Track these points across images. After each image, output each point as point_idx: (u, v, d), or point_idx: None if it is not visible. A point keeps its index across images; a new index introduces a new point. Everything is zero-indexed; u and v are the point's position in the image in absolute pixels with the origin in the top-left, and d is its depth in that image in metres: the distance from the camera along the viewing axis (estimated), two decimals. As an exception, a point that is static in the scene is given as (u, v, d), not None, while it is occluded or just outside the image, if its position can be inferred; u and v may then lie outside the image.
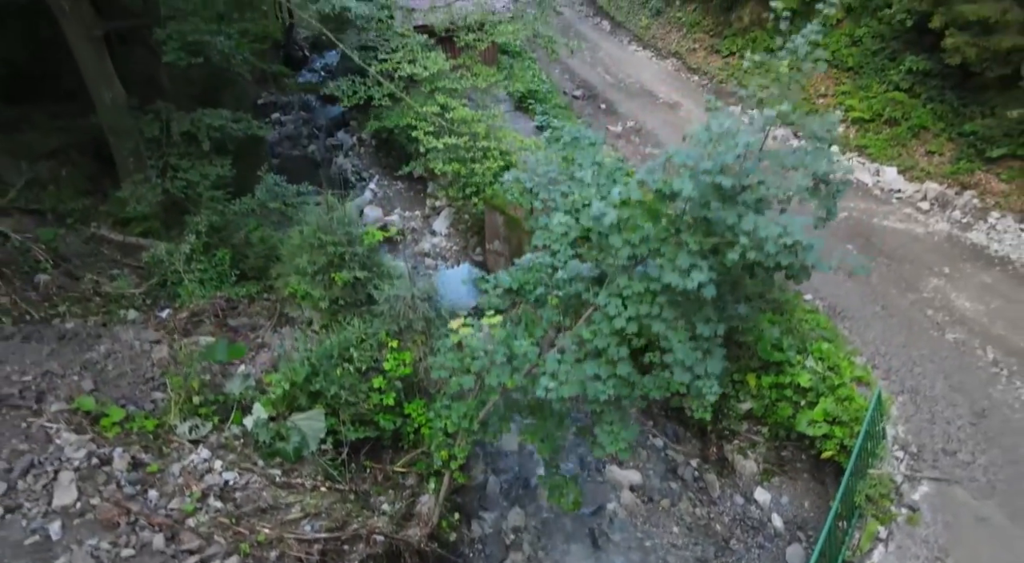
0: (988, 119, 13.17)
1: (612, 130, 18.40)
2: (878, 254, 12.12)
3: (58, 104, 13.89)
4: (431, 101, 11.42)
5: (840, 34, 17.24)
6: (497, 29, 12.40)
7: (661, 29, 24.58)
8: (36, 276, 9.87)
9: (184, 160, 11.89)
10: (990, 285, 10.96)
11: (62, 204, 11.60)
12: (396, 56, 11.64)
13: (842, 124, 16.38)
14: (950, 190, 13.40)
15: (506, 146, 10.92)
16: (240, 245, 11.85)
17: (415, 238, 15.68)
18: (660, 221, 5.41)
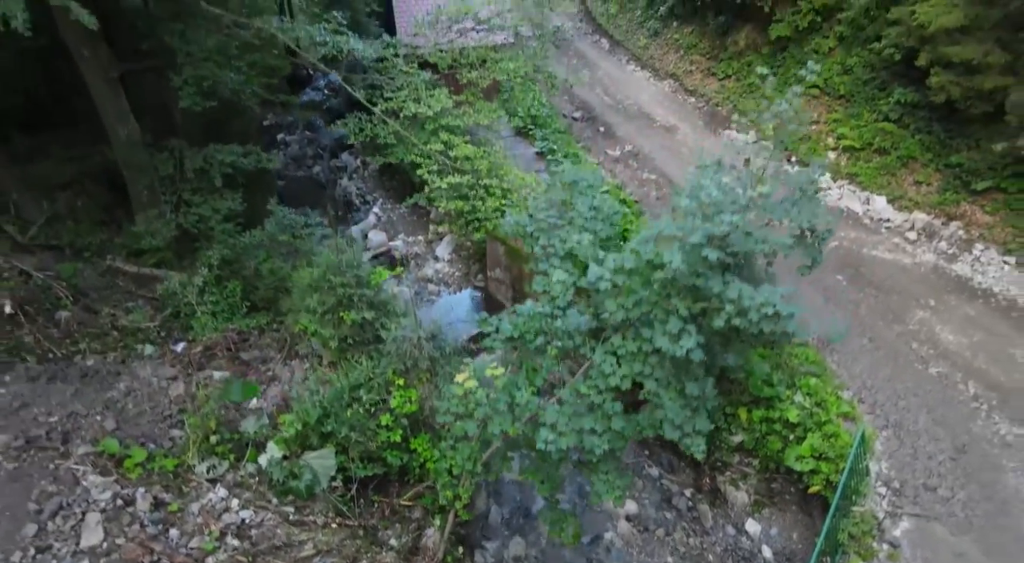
0: (973, 152, 13.60)
1: (610, 154, 18.84)
2: (867, 285, 12.54)
3: (72, 132, 14.31)
4: (435, 138, 11.85)
5: (832, 62, 17.67)
6: (498, 66, 12.86)
7: (659, 49, 25.03)
8: (57, 313, 10.29)
9: (196, 195, 12.32)
10: (973, 318, 11.37)
11: (80, 239, 12.03)
12: (401, 94, 12.10)
13: (833, 151, 16.85)
14: (937, 220, 13.82)
15: (507, 184, 11.33)
16: (250, 276, 12.28)
17: (418, 263, 16.09)
18: (652, 285, 5.81)
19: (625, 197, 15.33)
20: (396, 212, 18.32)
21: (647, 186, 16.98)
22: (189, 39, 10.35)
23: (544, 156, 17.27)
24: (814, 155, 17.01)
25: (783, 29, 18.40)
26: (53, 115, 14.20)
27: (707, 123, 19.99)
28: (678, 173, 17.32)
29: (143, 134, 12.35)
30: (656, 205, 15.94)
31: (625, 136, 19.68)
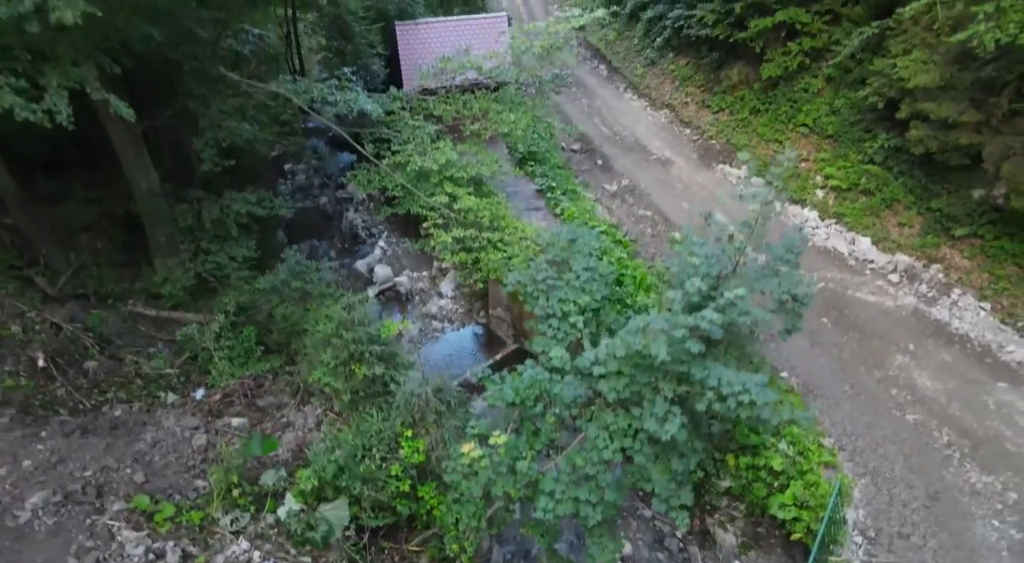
0: (952, 197, 14.25)
1: (608, 189, 19.49)
2: (850, 328, 13.17)
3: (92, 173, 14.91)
4: (440, 190, 12.49)
5: (821, 102, 18.33)
6: (500, 118, 13.49)
7: (655, 79, 25.71)
8: (85, 363, 10.91)
9: (213, 243, 12.96)
10: (949, 364, 12.00)
11: (103, 286, 12.66)
12: (408, 148, 12.72)
13: (821, 190, 17.48)
14: (918, 262, 14.47)
15: (509, 236, 11.97)
16: (264, 321, 12.89)
17: (423, 299, 16.70)
18: (642, 369, 6.42)
19: (621, 237, 15.98)
20: (401, 245, 18.93)
21: (643, 223, 17.62)
22: (210, 104, 11.01)
23: (543, 193, 17.91)
24: (803, 192, 17.69)
25: (773, 69, 19.08)
26: (74, 157, 14.85)
27: (701, 156, 20.65)
28: (672, 209, 17.96)
29: (162, 184, 13.01)
30: (651, 243, 16.57)
31: (622, 170, 20.33)
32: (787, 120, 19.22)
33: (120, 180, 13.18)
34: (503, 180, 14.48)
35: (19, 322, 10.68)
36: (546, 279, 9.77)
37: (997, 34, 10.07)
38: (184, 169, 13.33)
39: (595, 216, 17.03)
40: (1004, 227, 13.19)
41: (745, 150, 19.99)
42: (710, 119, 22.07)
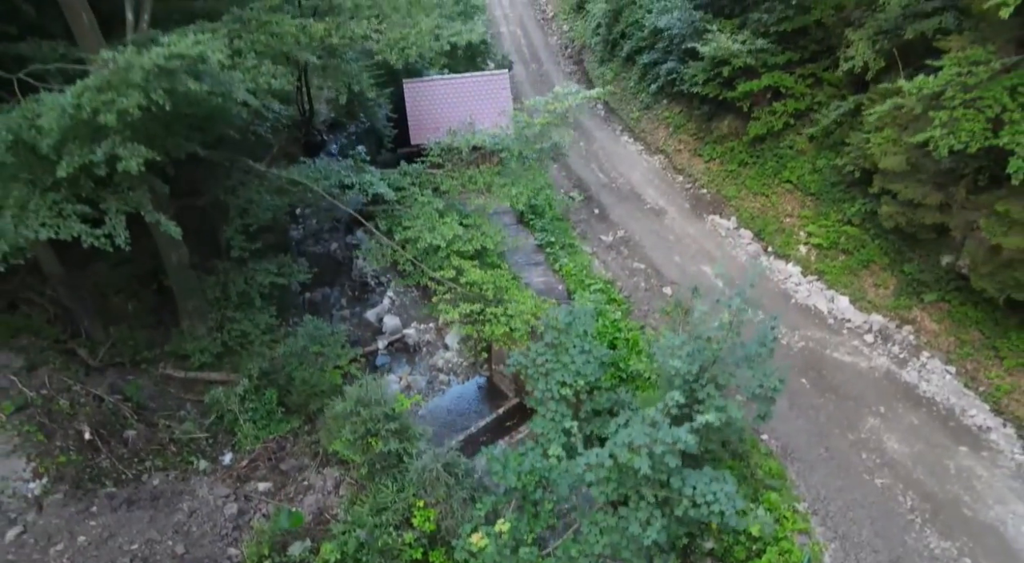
0: (923, 263, 15.31)
1: (604, 240, 20.54)
2: (827, 389, 14.21)
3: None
4: (448, 263, 13.56)
5: (804, 160, 19.42)
6: (502, 191, 14.58)
7: (650, 123, 26.81)
8: (125, 432, 11.95)
9: (239, 311, 14.01)
10: (917, 427, 13.03)
11: (137, 353, 13.70)
12: (417, 223, 13.79)
13: (804, 246, 18.51)
14: (891, 323, 15.51)
15: (512, 309, 13.02)
16: (284, 383, 13.93)
17: (430, 351, 17.76)
18: (628, 476, 7.44)
19: (615, 296, 17.04)
20: (409, 295, 19.99)
21: (636, 276, 18.68)
22: (239, 194, 12.08)
23: (543, 248, 18.98)
24: (788, 247, 18.74)
25: (759, 128, 20.17)
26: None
27: (693, 206, 21.71)
28: (665, 262, 19.01)
29: (191, 256, 14.07)
30: (644, 299, 17.62)
31: (618, 220, 21.39)
32: (773, 175, 20.31)
33: (147, 236, 14.23)
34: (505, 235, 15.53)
35: (66, 396, 11.71)
36: (545, 363, 10.85)
37: (951, 141, 11.15)
38: (211, 241, 14.38)
39: (591, 273, 18.10)
40: (968, 294, 14.24)
41: (734, 202, 21.08)
42: (702, 167, 23.15)
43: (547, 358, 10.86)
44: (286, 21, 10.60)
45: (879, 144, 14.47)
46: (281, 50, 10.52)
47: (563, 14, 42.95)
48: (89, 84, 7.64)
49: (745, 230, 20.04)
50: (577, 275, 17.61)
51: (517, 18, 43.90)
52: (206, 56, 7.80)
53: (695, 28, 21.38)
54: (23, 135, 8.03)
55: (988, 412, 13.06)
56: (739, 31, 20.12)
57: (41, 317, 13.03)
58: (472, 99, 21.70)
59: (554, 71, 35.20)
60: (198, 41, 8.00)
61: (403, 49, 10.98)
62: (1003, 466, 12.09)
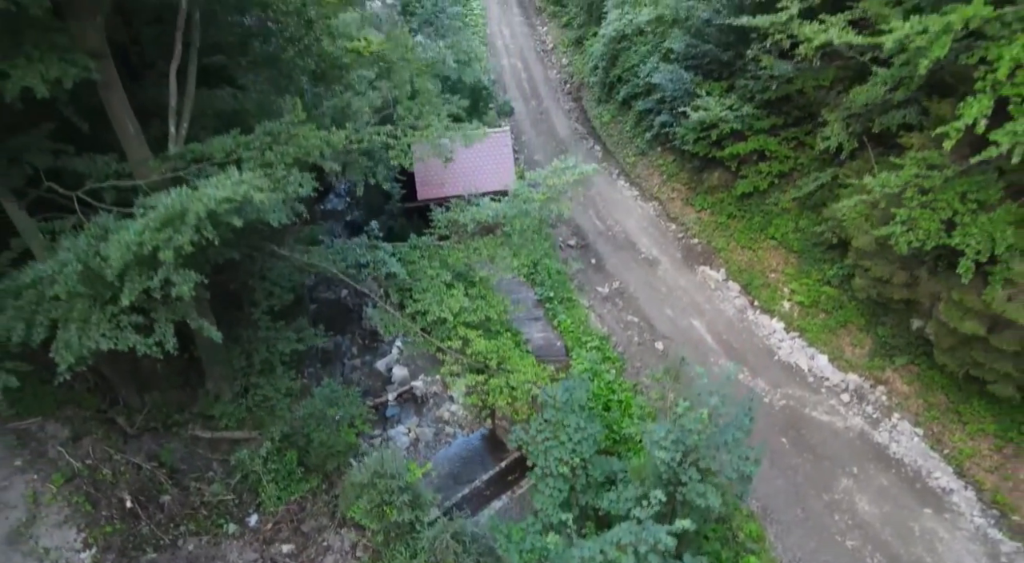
0: (895, 328, 16.48)
1: (600, 292, 21.73)
2: (805, 449, 15.36)
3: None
4: (454, 334, 14.76)
5: (788, 218, 20.60)
6: (503, 263, 15.80)
7: (645, 169, 28.02)
8: (161, 497, 13.10)
9: (262, 377, 15.17)
10: (886, 488, 14.17)
11: (169, 417, 14.85)
12: (427, 296, 15.00)
13: (788, 301, 19.68)
14: (866, 383, 16.67)
15: (513, 380, 14.20)
16: (304, 444, 15.06)
17: (436, 403, 18.92)
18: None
19: (610, 353, 18.21)
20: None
21: (630, 330, 19.85)
22: (265, 276, 13.28)
23: (543, 303, 20.17)
24: (772, 303, 19.90)
25: (746, 186, 21.38)
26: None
27: (684, 257, 22.89)
28: (657, 315, 20.18)
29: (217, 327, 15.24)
30: (637, 354, 18.79)
31: (613, 270, 22.58)
32: (759, 230, 21.50)
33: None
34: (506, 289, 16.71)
35: (108, 465, 12.87)
36: (544, 441, 12.01)
37: (910, 237, 12.34)
38: (236, 312, 15.56)
39: (588, 328, 19.29)
40: (935, 359, 15.40)
41: (723, 253, 22.26)
42: (693, 217, 24.34)
43: (546, 435, 12.02)
44: (313, 134, 11.82)
45: (851, 221, 15.66)
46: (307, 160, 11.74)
47: (562, 46, 44.13)
48: (149, 223, 8.82)
49: (733, 283, 21.21)
50: (575, 332, 18.79)
51: (518, 50, 45.05)
52: (251, 197, 9.00)
53: (686, 90, 22.62)
54: (90, 263, 9.21)
55: (951, 475, 14.21)
56: (727, 94, 21.37)
57: (82, 386, 14.19)
58: (476, 155, 22.87)
59: (553, 108, 36.41)
60: (242, 180, 9.19)
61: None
62: (963, 528, 13.23)
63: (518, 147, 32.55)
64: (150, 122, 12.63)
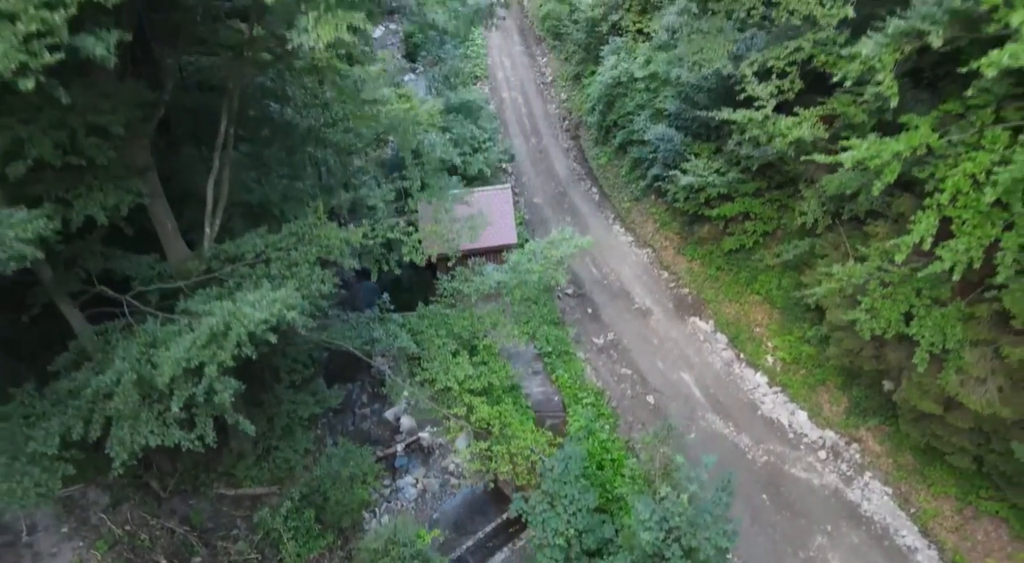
0: (868, 390, 17.74)
1: (596, 343, 22.99)
2: (784, 506, 16.60)
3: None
4: (460, 402, 16.01)
5: (772, 275, 21.90)
6: (504, 331, 17.07)
7: (640, 216, 29.30)
8: (192, 560, 14.35)
9: (282, 441, 16.44)
10: (857, 546, 15.41)
11: (197, 478, 16.13)
12: (434, 365, 16.29)
13: (771, 356, 20.94)
14: (842, 440, 17.92)
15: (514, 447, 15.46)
16: (320, 502, 16.32)
17: (442, 453, 20.15)
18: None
19: (605, 409, 19.49)
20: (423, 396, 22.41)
21: (624, 383, 21.11)
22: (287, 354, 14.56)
23: (542, 357, 21.43)
24: (757, 357, 21.14)
25: (733, 243, 22.69)
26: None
27: (676, 306, 24.14)
28: (649, 369, 21.42)
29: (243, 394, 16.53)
30: (629, 409, 20.04)
31: (609, 320, 23.84)
32: (745, 284, 22.78)
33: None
34: (508, 369, 18.02)
35: (145, 530, 14.15)
36: (543, 512, 13.28)
37: (873, 325, 13.63)
38: (258, 380, 16.84)
39: (584, 383, 20.56)
40: (903, 421, 16.65)
41: (712, 305, 23.53)
42: (685, 266, 25.62)
43: (544, 507, 13.30)
44: (334, 233, 13.14)
45: (825, 297, 16.93)
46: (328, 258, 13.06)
47: (561, 79, 45.34)
48: (196, 341, 10.10)
49: (721, 335, 22.47)
50: (571, 387, 20.07)
51: (518, 82, 46.30)
52: (284, 317, 10.28)
53: (676, 151, 23.95)
54: (142, 372, 10.50)
55: (917, 534, 15.44)
56: (716, 156, 22.68)
57: (118, 452, 15.47)
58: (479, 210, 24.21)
59: (552, 146, 37.71)
60: (276, 300, 10.46)
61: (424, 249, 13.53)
62: (925, 586, 14.48)
63: (518, 188, 33.86)
64: (182, 210, 13.96)
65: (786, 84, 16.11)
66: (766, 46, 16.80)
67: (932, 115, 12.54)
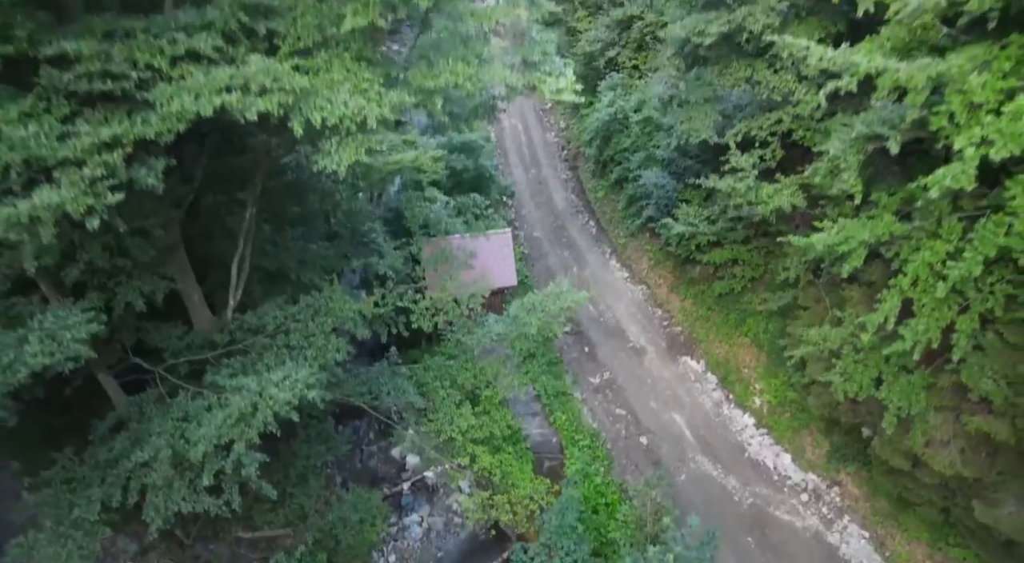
0: (847, 437, 18.79)
1: (592, 382, 24.06)
2: (768, 549, 17.64)
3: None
4: (463, 451, 17.09)
5: (759, 319, 22.98)
6: (505, 382, 18.17)
7: (635, 252, 30.41)
8: (218, 607, 15.40)
9: (296, 488, 17.51)
10: (834, 589, 16.47)
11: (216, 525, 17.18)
12: (439, 417, 17.38)
13: (759, 398, 22.03)
14: (823, 483, 18.98)
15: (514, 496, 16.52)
16: (332, 546, 17.38)
17: (446, 492, 21.21)
18: None
19: (599, 451, 20.55)
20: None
21: (618, 423, 22.18)
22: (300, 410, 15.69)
23: (540, 398, 22.51)
24: (745, 398, 22.21)
25: (723, 287, 23.80)
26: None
27: (669, 345, 25.21)
28: (642, 409, 22.49)
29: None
30: (623, 450, 21.10)
31: (604, 359, 24.91)
32: (735, 326, 23.88)
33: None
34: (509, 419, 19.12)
35: (172, 579, 15.20)
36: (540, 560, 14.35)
37: (846, 387, 14.72)
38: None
39: (581, 425, 21.63)
40: (877, 472, 17.71)
41: (703, 345, 24.61)
42: (677, 305, 26.72)
43: (543, 558, 14.37)
44: (347, 305, 14.25)
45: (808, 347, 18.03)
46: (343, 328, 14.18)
47: (560, 107, 46.47)
48: (227, 419, 11.18)
49: (711, 375, 23.55)
50: (568, 429, 21.15)
51: (518, 108, 47.37)
52: (306, 397, 11.37)
53: (669, 197, 25.10)
54: (176, 446, 11.59)
55: (890, 577, 16.50)
56: (706, 202, 23.80)
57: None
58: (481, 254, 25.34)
59: (551, 177, 38.83)
60: (297, 380, 11.56)
61: (435, 313, 14.69)
62: (897, 628, 15.51)
63: (518, 221, 34.96)
64: (205, 274, 15.06)
65: (768, 153, 17.26)
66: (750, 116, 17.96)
67: (898, 195, 13.68)
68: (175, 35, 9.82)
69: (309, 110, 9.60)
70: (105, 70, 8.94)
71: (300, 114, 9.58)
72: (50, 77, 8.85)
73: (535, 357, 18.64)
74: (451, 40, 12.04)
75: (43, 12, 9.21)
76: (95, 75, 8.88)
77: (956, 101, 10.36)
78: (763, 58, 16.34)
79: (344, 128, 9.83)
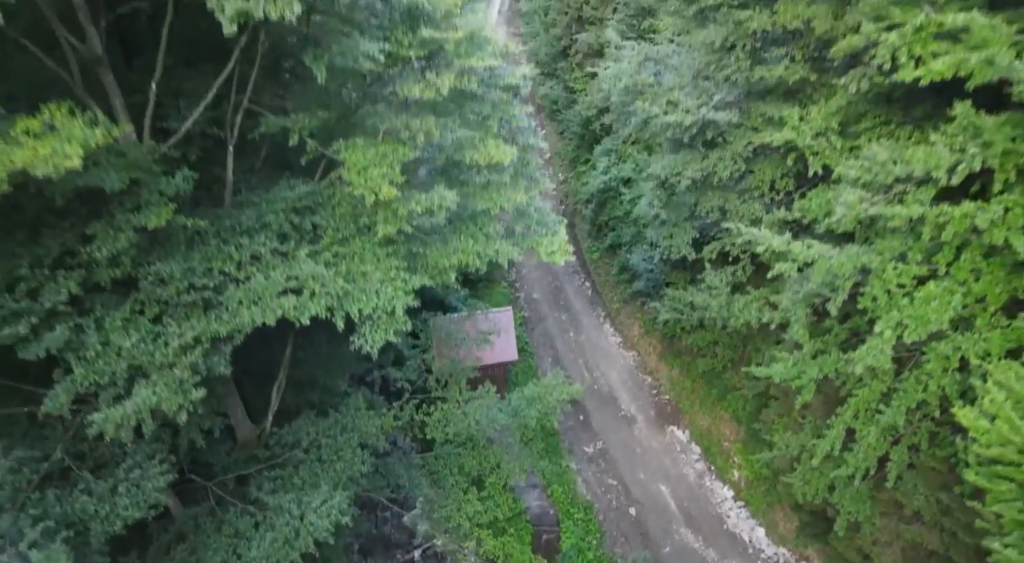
0: (813, 516, 20.92)
1: (586, 452, 26.23)
2: (741, 621, 19.78)
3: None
4: (470, 536, 19.29)
5: (738, 395, 25.15)
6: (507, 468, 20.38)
7: (628, 318, 32.59)
8: None
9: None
10: (799, 661, 18.57)
11: None
12: (448, 503, 19.57)
13: (738, 470, 24.19)
14: (793, 557, 21.12)
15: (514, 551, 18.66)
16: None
17: (454, 561, 23.34)
18: None
19: (592, 525, 22.71)
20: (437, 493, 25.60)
21: (610, 494, 24.33)
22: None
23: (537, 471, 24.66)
24: (725, 470, 24.36)
25: (705, 365, 26.02)
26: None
27: (657, 414, 27.38)
28: (632, 480, 24.63)
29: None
30: (614, 521, 23.24)
31: (598, 428, 27.06)
32: (717, 400, 26.08)
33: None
34: (511, 502, 21.32)
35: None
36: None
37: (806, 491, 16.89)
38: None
39: (576, 498, 23.79)
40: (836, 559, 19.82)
41: (688, 415, 26.79)
42: (666, 373, 28.92)
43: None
44: (371, 422, 16.45)
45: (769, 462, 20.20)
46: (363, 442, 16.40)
47: (559, 158, 48.41)
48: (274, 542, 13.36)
49: (695, 445, 25.72)
50: (564, 502, 23.31)
51: (518, 158, 49.48)
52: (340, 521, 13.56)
53: (656, 279, 27.36)
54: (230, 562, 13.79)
55: (849, 650, 18.59)
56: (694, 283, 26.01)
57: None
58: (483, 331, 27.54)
59: (550, 234, 40.99)
60: (332, 506, 13.75)
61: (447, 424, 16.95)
62: None
63: (519, 282, 37.16)
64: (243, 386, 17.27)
65: (739, 270, 19.54)
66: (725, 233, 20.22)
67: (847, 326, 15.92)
68: (240, 240, 12.14)
69: (349, 305, 11.87)
70: (191, 284, 11.21)
71: (341, 309, 11.84)
72: (147, 293, 11.10)
73: (535, 441, 20.81)
74: (461, 215, 14.29)
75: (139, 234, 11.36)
76: (182, 289, 11.14)
77: (878, 286, 12.61)
78: (734, 190, 18.62)
79: (376, 316, 12.09)
